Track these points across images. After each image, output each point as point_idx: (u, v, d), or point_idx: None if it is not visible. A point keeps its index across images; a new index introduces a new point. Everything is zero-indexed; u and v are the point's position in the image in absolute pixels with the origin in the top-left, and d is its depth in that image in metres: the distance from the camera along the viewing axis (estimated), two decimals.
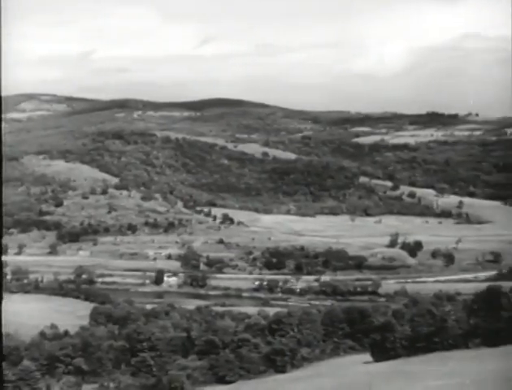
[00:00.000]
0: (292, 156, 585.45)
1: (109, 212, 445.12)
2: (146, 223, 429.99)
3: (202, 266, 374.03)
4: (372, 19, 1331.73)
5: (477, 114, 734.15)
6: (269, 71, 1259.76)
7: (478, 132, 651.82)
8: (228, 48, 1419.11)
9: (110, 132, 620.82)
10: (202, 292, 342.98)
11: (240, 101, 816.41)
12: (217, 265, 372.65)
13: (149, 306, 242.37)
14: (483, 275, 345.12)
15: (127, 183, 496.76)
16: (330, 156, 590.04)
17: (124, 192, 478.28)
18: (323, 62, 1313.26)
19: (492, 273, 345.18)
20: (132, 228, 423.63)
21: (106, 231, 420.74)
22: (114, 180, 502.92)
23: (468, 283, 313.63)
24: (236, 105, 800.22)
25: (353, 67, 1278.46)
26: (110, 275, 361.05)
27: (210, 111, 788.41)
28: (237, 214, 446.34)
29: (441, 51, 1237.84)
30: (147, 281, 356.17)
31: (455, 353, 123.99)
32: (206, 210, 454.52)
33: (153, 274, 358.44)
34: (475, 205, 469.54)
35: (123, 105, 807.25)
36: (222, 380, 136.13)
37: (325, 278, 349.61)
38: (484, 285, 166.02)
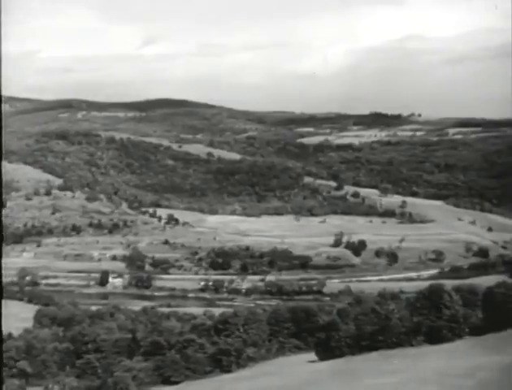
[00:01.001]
0: (237, 156, 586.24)
1: (53, 213, 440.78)
2: (91, 224, 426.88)
3: (148, 267, 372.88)
4: (316, 19, 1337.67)
5: (419, 115, 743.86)
6: (214, 72, 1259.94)
7: (420, 133, 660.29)
8: (173, 48, 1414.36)
9: (53, 132, 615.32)
10: (148, 293, 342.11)
11: (184, 102, 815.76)
12: (162, 266, 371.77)
13: (93, 308, 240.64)
14: (425, 273, 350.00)
15: (71, 184, 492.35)
16: (275, 156, 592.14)
17: (68, 193, 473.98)
18: (267, 62, 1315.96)
19: (435, 271, 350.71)
20: (76, 229, 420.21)
21: (50, 232, 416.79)
22: (58, 181, 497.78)
23: (411, 282, 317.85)
24: (181, 105, 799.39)
25: (297, 67, 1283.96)
26: (55, 277, 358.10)
27: (155, 111, 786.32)
28: (182, 215, 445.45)
29: (385, 52, 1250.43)
30: (92, 282, 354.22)
31: (399, 350, 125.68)
32: (151, 210, 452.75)
33: (97, 275, 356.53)
34: (417, 204, 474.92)
35: (67, 105, 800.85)
36: (168, 381, 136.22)
37: (270, 278, 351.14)
38: (427, 283, 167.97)
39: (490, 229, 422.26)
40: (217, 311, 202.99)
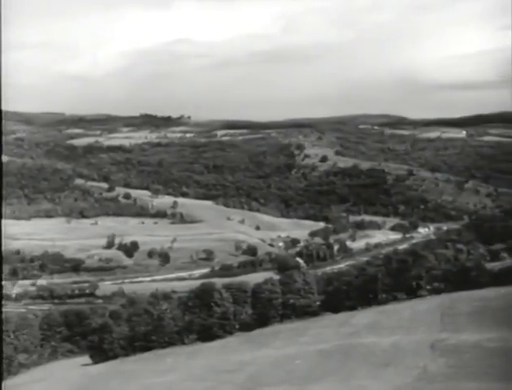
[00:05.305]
0: (5, 158, 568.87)
1: None
2: None
3: None
4: (85, 21, 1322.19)
5: (189, 117, 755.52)
6: None
7: (190, 134, 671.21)
8: None
9: None
10: None
11: None
12: None
13: None
14: (197, 272, 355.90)
15: None
16: (44, 158, 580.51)
17: None
18: (36, 62, 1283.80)
19: (206, 270, 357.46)
20: None
21: None
22: None
23: (183, 281, 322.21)
24: None
25: (67, 68, 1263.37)
26: None
27: None
28: None
29: (155, 55, 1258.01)
30: None
31: (172, 349, 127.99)
32: None
33: None
34: (188, 205, 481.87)
35: None
36: None
37: (42, 282, 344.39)
38: (198, 282, 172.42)
39: (258, 228, 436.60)
40: None
